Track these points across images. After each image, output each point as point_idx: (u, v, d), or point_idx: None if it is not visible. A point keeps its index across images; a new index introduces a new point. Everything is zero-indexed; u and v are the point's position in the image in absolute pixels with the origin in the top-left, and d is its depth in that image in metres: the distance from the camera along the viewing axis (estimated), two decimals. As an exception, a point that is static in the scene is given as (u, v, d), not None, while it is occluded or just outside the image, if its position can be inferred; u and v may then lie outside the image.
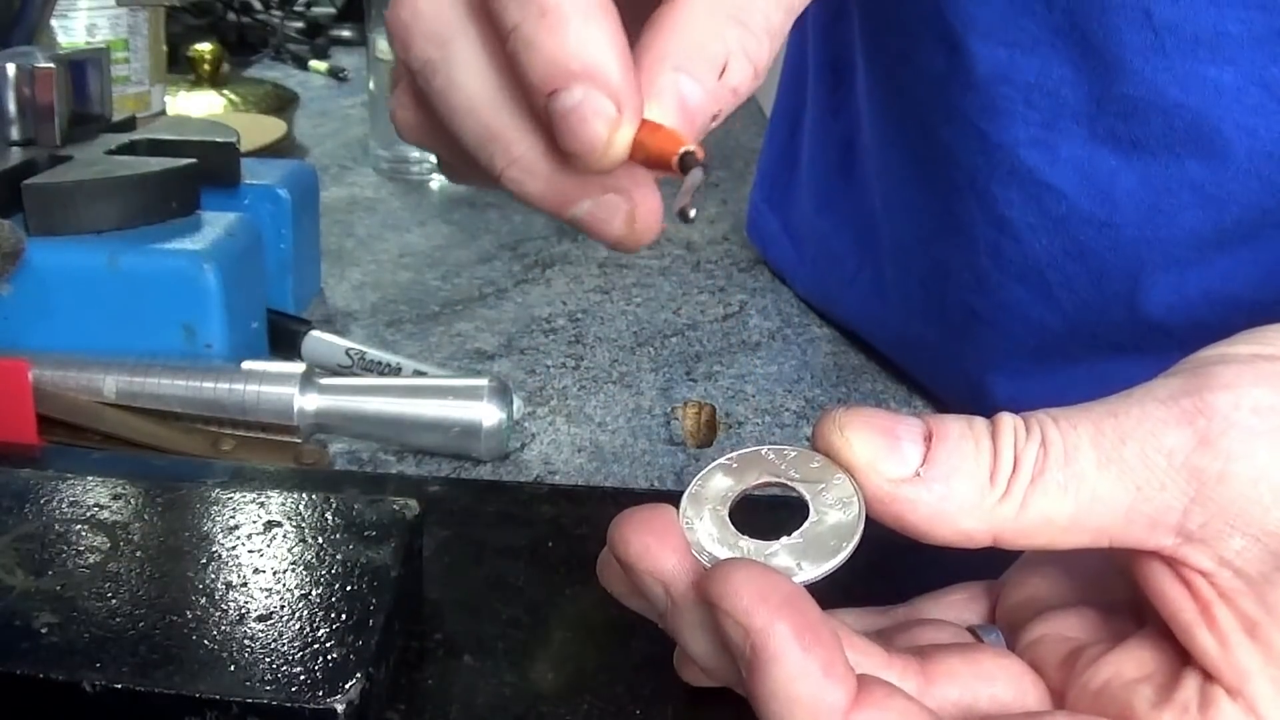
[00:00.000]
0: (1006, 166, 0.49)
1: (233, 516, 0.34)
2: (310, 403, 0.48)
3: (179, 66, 1.02)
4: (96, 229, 0.51)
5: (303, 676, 0.27)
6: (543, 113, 0.25)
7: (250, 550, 0.32)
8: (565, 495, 0.43)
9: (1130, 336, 0.49)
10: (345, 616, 0.29)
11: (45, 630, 0.28)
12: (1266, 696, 0.25)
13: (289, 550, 0.32)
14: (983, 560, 0.29)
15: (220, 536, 0.33)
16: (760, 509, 0.28)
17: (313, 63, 1.34)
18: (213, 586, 0.30)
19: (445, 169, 0.31)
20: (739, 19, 0.27)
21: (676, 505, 0.28)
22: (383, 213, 0.84)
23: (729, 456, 0.29)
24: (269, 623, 0.29)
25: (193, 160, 0.55)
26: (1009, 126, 0.48)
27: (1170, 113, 0.44)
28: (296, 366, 0.49)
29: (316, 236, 0.67)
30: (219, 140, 0.59)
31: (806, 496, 0.27)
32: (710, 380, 0.60)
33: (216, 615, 0.29)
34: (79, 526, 0.32)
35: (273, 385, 0.48)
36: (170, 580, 0.31)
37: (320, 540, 0.33)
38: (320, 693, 0.27)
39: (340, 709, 0.27)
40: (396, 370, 0.55)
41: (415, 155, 0.91)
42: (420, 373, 0.54)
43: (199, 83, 1.00)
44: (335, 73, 1.31)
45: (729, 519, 0.28)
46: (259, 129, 0.87)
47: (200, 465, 0.45)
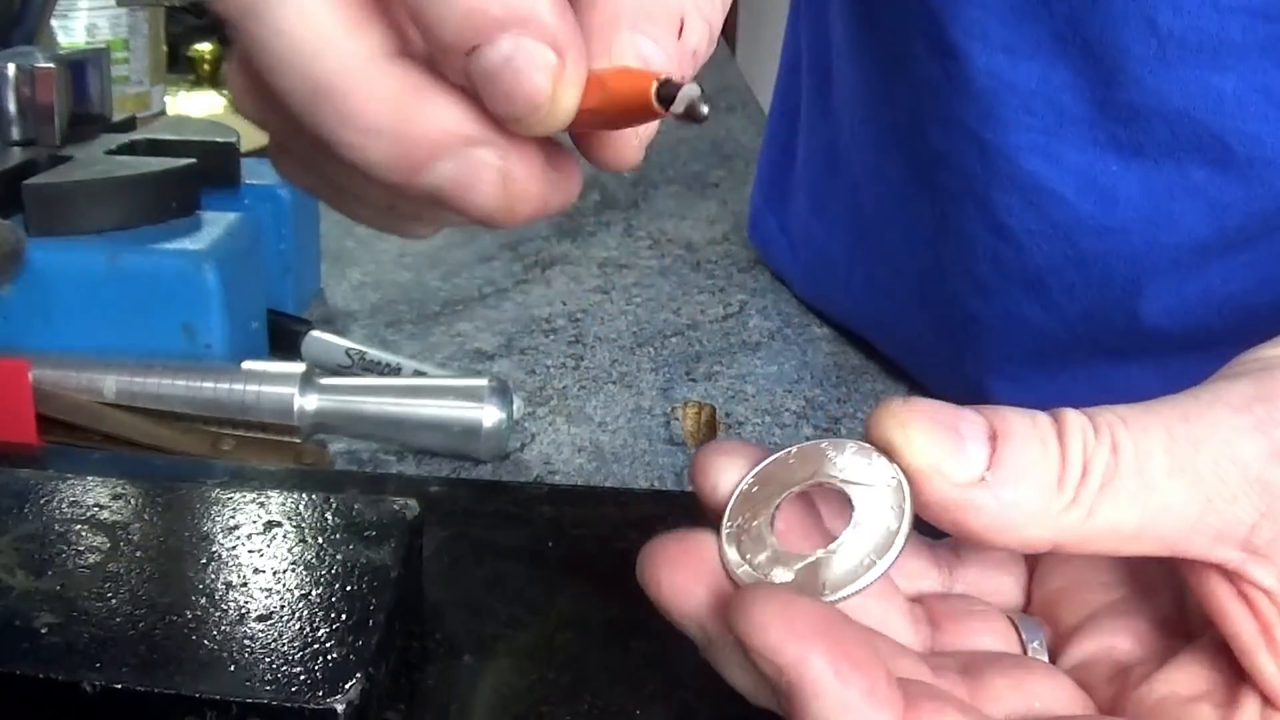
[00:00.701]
0: (1006, 173, 0.49)
1: (233, 516, 0.34)
2: (310, 403, 0.48)
3: (179, 66, 1.02)
4: (96, 229, 0.51)
5: (303, 676, 0.27)
6: (461, 75, 0.22)
7: (250, 550, 0.32)
8: (565, 495, 0.43)
9: (1130, 340, 0.49)
10: (345, 616, 0.29)
11: (45, 630, 0.28)
12: None
13: (289, 550, 0.32)
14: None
15: (220, 536, 0.33)
16: (817, 503, 0.27)
17: (313, 63, 1.34)
18: (213, 586, 0.30)
19: (277, 154, 0.27)
20: None
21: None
22: (383, 213, 0.84)
23: (789, 450, 0.27)
24: (269, 623, 0.29)
25: (193, 160, 0.55)
26: (1009, 133, 0.48)
27: (1173, 119, 0.44)
28: (296, 366, 0.49)
29: (316, 236, 0.67)
30: (219, 140, 0.59)
31: (854, 500, 0.25)
32: (710, 380, 0.60)
33: (216, 615, 0.29)
34: (79, 526, 0.32)
35: (273, 385, 0.48)
36: (170, 580, 0.31)
37: (320, 540, 0.33)
38: (320, 693, 0.27)
39: (340, 709, 0.27)
40: (396, 370, 0.55)
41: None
42: (420, 373, 0.54)
43: (199, 83, 1.00)
44: (335, 73, 1.31)
45: (774, 521, 0.26)
46: (259, 129, 0.87)
47: (200, 465, 0.45)
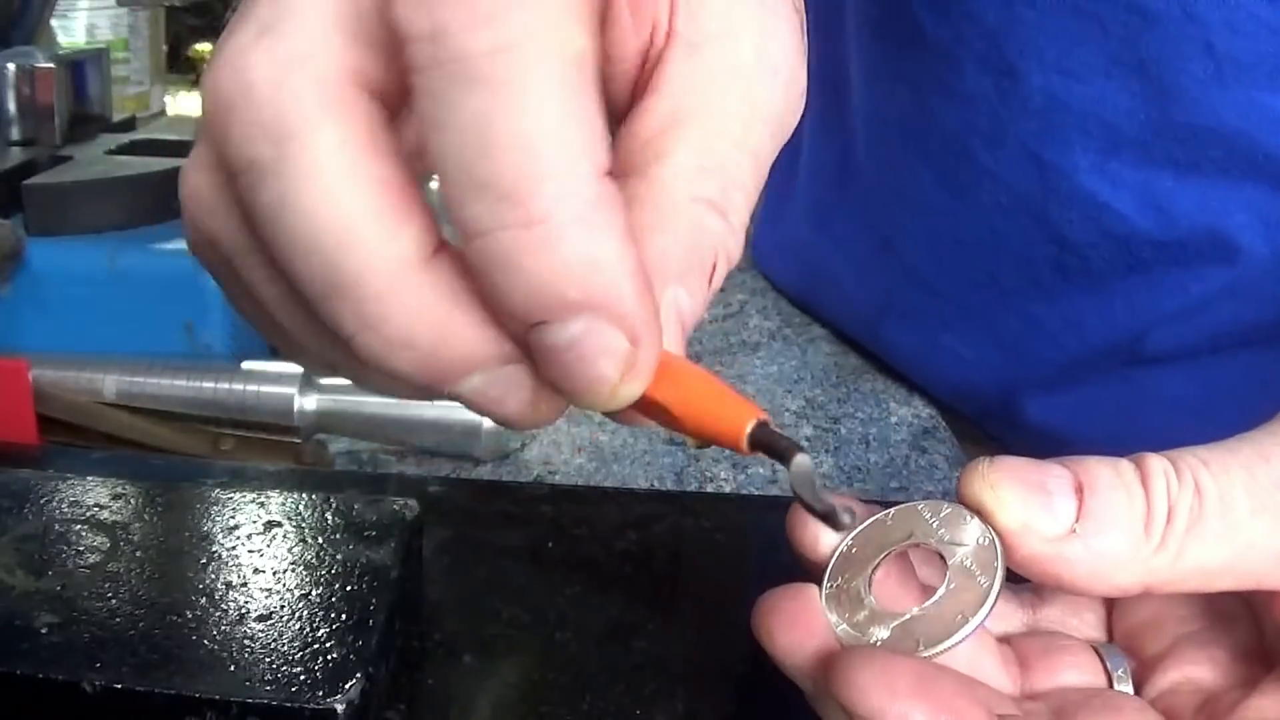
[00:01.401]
0: (1065, 190, 0.50)
1: (233, 516, 0.34)
2: (310, 403, 0.48)
3: (179, 66, 1.02)
4: (96, 229, 0.51)
5: (303, 676, 0.27)
6: (520, 339, 0.20)
7: (250, 550, 0.32)
8: (565, 495, 0.43)
9: (1181, 348, 0.50)
10: (345, 616, 0.29)
11: (45, 630, 0.28)
12: None
13: (289, 550, 0.32)
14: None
15: (220, 536, 0.33)
16: (913, 560, 0.28)
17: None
18: (213, 586, 0.30)
19: (266, 328, 0.23)
20: (719, 205, 0.23)
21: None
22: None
23: (887, 512, 0.28)
24: (269, 623, 0.29)
25: (193, 160, 0.55)
26: (1066, 152, 0.49)
27: (1229, 138, 0.45)
28: (296, 366, 0.49)
29: (316, 236, 0.67)
30: (219, 140, 0.59)
31: (948, 559, 0.27)
32: (710, 380, 0.60)
33: (216, 615, 0.29)
34: (79, 526, 0.32)
35: (273, 385, 0.48)
36: (170, 580, 0.31)
37: (320, 540, 0.33)
38: (320, 693, 0.27)
39: (340, 709, 0.27)
40: (396, 370, 0.55)
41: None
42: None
43: (199, 83, 1.00)
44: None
45: (871, 581, 0.27)
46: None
47: (200, 465, 0.45)
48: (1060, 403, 0.54)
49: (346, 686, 0.27)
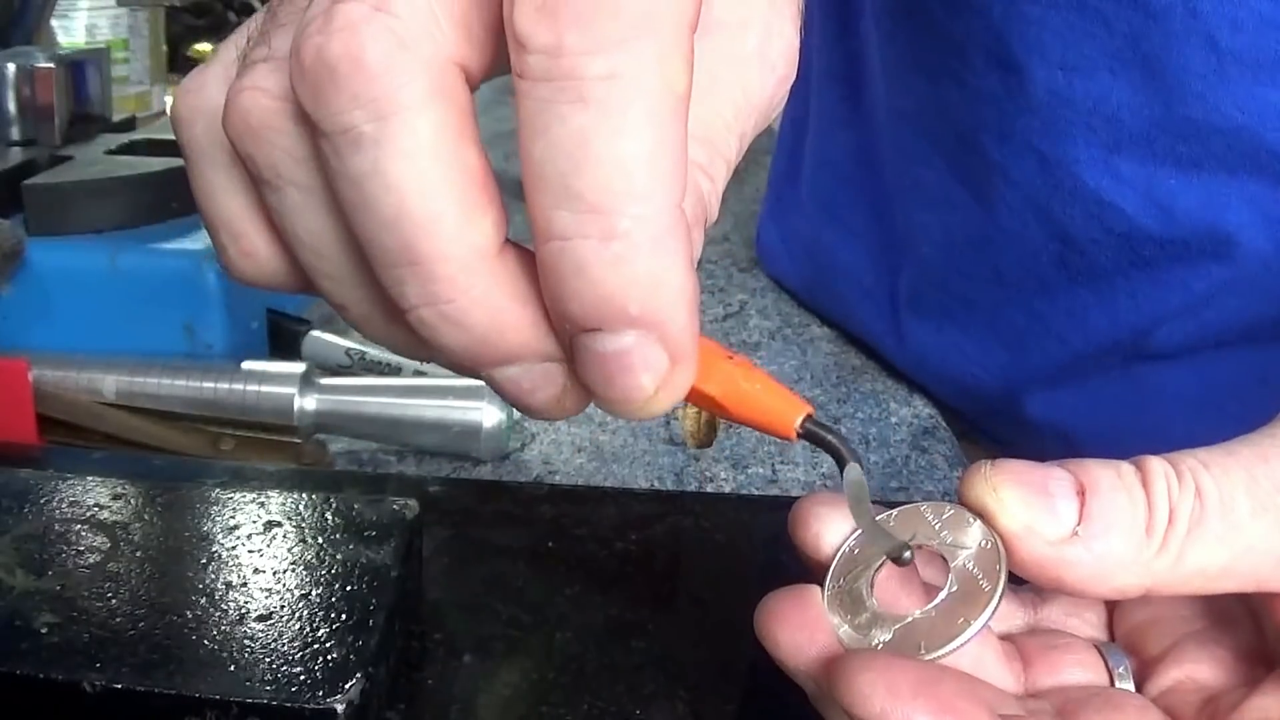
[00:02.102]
0: (1068, 186, 0.50)
1: (233, 516, 0.34)
2: (310, 403, 0.48)
3: (179, 66, 1.02)
4: (96, 229, 0.51)
5: (303, 676, 0.27)
6: (565, 337, 0.21)
7: (250, 550, 0.32)
8: (565, 495, 0.43)
9: (1184, 344, 0.50)
10: (345, 616, 0.29)
11: (45, 630, 0.28)
12: None
13: (289, 550, 0.32)
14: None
15: (220, 536, 0.33)
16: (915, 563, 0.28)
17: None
18: (213, 586, 0.30)
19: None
20: (708, 171, 0.25)
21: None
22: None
23: (889, 514, 0.28)
24: (269, 623, 0.29)
25: (193, 160, 0.55)
26: (1070, 147, 0.49)
27: (1231, 135, 0.45)
28: (296, 366, 0.49)
29: (316, 236, 0.67)
30: (219, 140, 0.59)
31: (950, 561, 0.27)
32: (710, 380, 0.60)
33: (216, 615, 0.29)
34: (79, 526, 0.32)
35: (273, 385, 0.48)
36: (170, 580, 0.31)
37: (320, 540, 0.33)
38: (320, 693, 0.27)
39: (340, 709, 0.27)
40: (396, 370, 0.55)
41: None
42: (420, 373, 0.54)
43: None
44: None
45: (873, 583, 0.27)
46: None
47: (200, 465, 0.45)
48: (1063, 399, 0.54)
49: (346, 686, 0.27)
